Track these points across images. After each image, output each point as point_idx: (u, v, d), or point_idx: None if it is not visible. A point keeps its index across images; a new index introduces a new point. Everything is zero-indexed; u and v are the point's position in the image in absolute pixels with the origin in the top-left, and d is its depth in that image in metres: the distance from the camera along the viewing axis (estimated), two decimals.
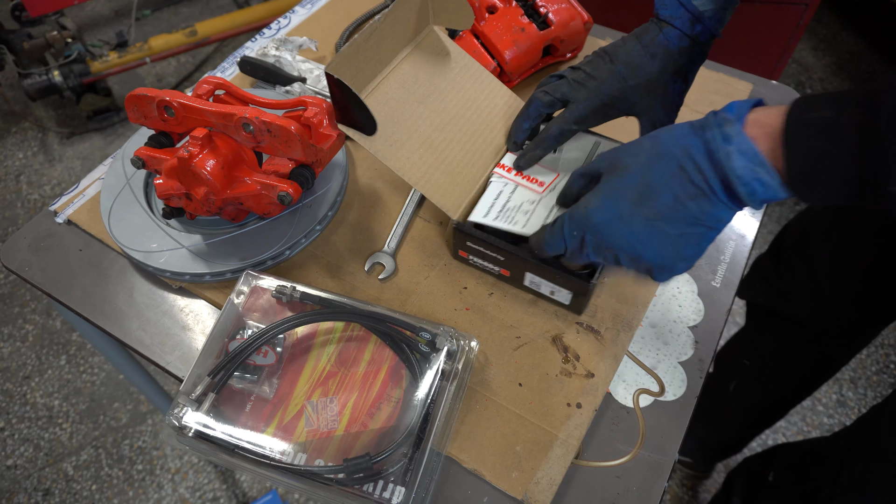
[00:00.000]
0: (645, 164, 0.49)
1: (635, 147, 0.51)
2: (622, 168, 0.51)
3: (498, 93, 0.75)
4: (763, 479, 1.17)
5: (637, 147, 0.51)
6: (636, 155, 0.50)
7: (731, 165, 0.45)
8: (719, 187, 0.46)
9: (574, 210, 0.54)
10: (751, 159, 0.44)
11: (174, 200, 0.70)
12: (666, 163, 0.48)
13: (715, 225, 0.49)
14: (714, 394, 1.21)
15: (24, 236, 0.81)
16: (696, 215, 0.48)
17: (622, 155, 0.52)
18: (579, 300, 0.67)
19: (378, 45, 0.65)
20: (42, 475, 1.52)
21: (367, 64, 0.64)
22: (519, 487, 0.59)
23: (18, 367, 1.69)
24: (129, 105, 0.69)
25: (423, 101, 0.69)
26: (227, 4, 2.69)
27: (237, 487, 1.48)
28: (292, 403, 0.62)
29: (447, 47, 0.72)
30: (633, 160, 0.50)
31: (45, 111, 2.32)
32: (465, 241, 0.69)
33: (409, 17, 0.68)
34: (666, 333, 0.70)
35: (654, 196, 0.48)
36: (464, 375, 0.63)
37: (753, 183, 0.45)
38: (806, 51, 2.41)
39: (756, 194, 0.45)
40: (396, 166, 0.65)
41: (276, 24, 1.06)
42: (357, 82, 0.63)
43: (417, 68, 0.70)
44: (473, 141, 0.71)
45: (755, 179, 0.44)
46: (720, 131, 0.45)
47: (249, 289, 0.67)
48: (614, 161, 0.52)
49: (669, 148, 0.48)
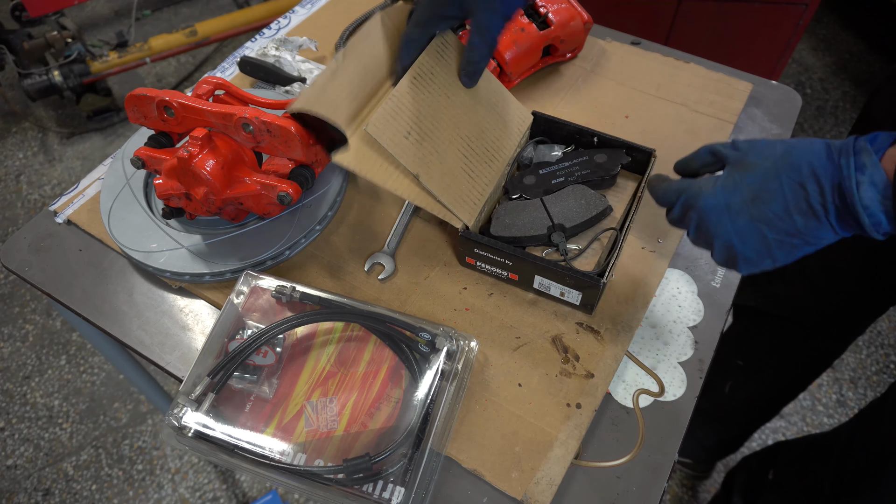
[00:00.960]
0: (770, 169, 0.50)
1: (768, 149, 0.52)
2: (748, 165, 0.52)
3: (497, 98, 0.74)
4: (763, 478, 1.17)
5: (769, 149, 0.52)
6: (766, 157, 0.51)
7: (859, 195, 0.45)
8: (834, 213, 0.47)
9: (690, 186, 0.55)
10: (881, 191, 0.45)
11: (174, 200, 0.70)
12: (790, 175, 0.49)
13: (815, 242, 0.50)
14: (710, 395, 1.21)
15: (24, 236, 0.81)
16: (800, 229, 0.49)
17: (753, 152, 0.53)
18: (590, 300, 0.67)
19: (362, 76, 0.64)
20: (42, 475, 1.52)
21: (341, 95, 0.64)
22: (519, 488, 0.59)
23: (18, 367, 1.69)
24: (129, 105, 0.69)
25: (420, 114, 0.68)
26: (227, 4, 2.69)
27: (237, 487, 1.48)
28: (292, 403, 0.62)
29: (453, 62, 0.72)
30: (761, 161, 0.51)
31: (45, 111, 2.32)
32: (472, 249, 0.69)
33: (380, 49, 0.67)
34: (666, 334, 0.70)
35: (767, 201, 0.50)
36: (463, 376, 0.63)
37: (880, 215, 0.45)
38: (806, 51, 2.41)
39: (881, 226, 0.46)
40: (394, 187, 0.64)
41: (276, 24, 1.06)
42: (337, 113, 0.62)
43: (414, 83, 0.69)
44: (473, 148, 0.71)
45: (882, 212, 0.45)
46: (855, 159, 0.46)
47: (249, 289, 0.67)
48: (744, 156, 0.53)
49: (799, 162, 0.49)
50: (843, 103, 2.24)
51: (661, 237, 0.76)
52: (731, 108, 0.90)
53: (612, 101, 0.91)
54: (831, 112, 2.21)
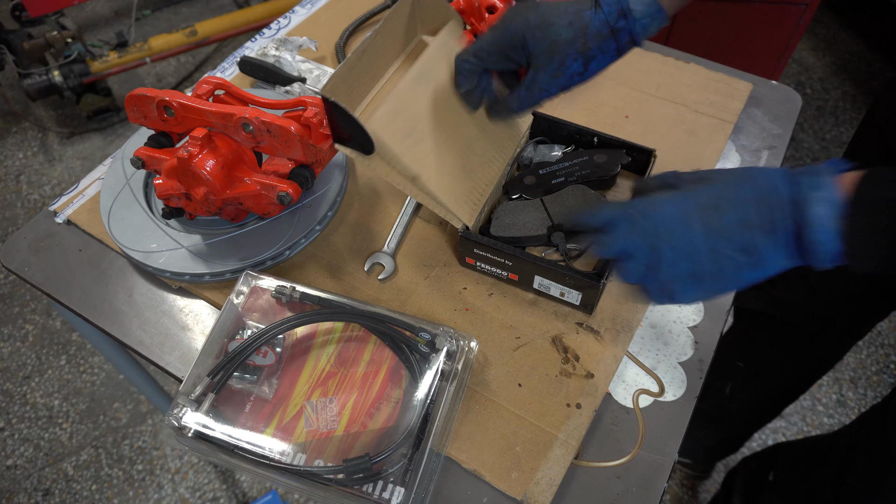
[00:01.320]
0: (729, 182, 0.50)
1: (725, 171, 0.53)
2: (706, 180, 0.52)
3: None
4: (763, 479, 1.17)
5: (727, 171, 0.53)
6: (723, 174, 0.52)
7: (810, 210, 0.45)
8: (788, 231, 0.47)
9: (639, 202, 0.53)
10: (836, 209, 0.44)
11: (174, 200, 0.70)
12: (749, 187, 0.49)
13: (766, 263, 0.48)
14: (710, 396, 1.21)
15: (24, 236, 0.81)
16: (755, 245, 0.48)
17: (710, 172, 0.54)
18: (590, 300, 0.67)
19: (371, 61, 0.64)
20: (42, 475, 1.52)
21: (360, 82, 0.64)
22: (518, 488, 0.59)
23: (18, 367, 1.69)
24: (129, 105, 0.69)
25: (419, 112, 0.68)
26: (227, 4, 2.69)
27: (237, 487, 1.48)
28: (292, 404, 0.62)
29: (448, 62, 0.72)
30: (719, 176, 0.52)
31: (45, 111, 2.32)
32: (472, 249, 0.69)
33: (398, 29, 0.67)
34: (666, 334, 0.70)
35: (724, 210, 0.49)
36: (463, 376, 0.63)
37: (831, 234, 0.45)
38: (806, 51, 2.41)
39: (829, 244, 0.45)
40: (397, 181, 0.64)
41: (276, 24, 1.06)
42: (351, 101, 0.63)
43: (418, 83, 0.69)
44: (473, 147, 0.71)
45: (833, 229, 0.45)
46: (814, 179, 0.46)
47: (249, 289, 0.67)
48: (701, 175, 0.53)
49: (757, 178, 0.49)
50: (843, 103, 2.24)
51: None
52: (731, 108, 0.90)
53: (612, 101, 0.91)
54: (831, 112, 2.21)
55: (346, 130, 0.61)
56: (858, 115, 2.20)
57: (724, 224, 0.49)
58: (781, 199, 0.47)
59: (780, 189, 0.47)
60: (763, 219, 0.47)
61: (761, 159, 0.86)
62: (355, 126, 0.60)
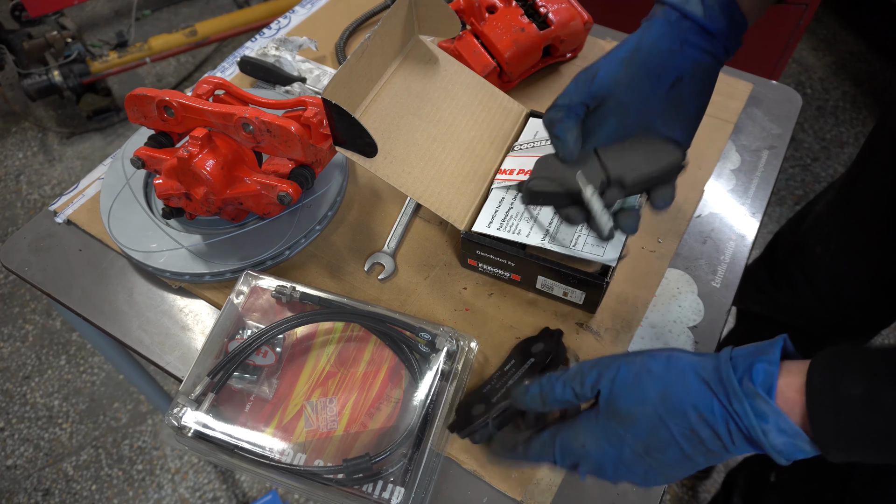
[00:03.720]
0: (652, 418, 0.46)
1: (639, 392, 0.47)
2: (625, 416, 0.47)
3: (491, 96, 0.74)
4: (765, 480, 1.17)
5: (641, 393, 0.47)
6: (640, 404, 0.46)
7: (770, 443, 0.42)
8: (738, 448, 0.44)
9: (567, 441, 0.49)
10: (792, 436, 0.42)
11: (174, 200, 0.70)
12: (678, 423, 0.45)
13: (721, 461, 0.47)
14: None
15: (24, 236, 0.81)
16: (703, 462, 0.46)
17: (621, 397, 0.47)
18: (592, 299, 0.67)
19: (370, 62, 0.64)
20: (42, 475, 1.52)
21: (359, 83, 0.64)
22: (518, 488, 0.59)
23: (18, 367, 1.69)
24: (129, 105, 0.69)
25: (418, 112, 0.68)
26: (227, 4, 2.69)
27: (237, 487, 1.48)
28: (292, 403, 0.62)
29: (435, 55, 0.72)
30: (639, 410, 0.46)
31: (45, 111, 2.32)
32: (474, 250, 0.69)
33: (395, 29, 0.67)
34: (666, 333, 0.70)
35: (662, 450, 0.46)
36: (463, 376, 0.63)
37: (796, 453, 0.42)
38: (806, 51, 2.41)
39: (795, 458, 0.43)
40: (398, 183, 0.64)
41: (276, 24, 1.06)
42: (351, 103, 0.63)
43: (408, 80, 0.69)
44: (472, 148, 0.71)
45: (797, 451, 0.42)
46: (751, 405, 0.42)
47: (249, 289, 0.67)
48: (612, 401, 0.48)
49: (681, 407, 0.45)
50: (843, 103, 2.24)
51: (660, 237, 0.76)
52: (731, 108, 0.90)
53: None
54: (831, 112, 2.21)
55: (346, 132, 0.61)
56: (859, 115, 2.20)
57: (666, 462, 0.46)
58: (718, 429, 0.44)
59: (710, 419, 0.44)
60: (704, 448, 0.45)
61: (761, 159, 0.86)
62: (356, 128, 0.60)
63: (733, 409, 0.43)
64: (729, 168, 0.85)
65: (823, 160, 2.08)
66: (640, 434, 0.46)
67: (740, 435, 0.43)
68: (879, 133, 0.87)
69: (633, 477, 0.48)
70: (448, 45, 0.86)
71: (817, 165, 2.07)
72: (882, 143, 0.85)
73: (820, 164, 2.08)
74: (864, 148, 0.90)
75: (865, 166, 0.88)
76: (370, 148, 0.61)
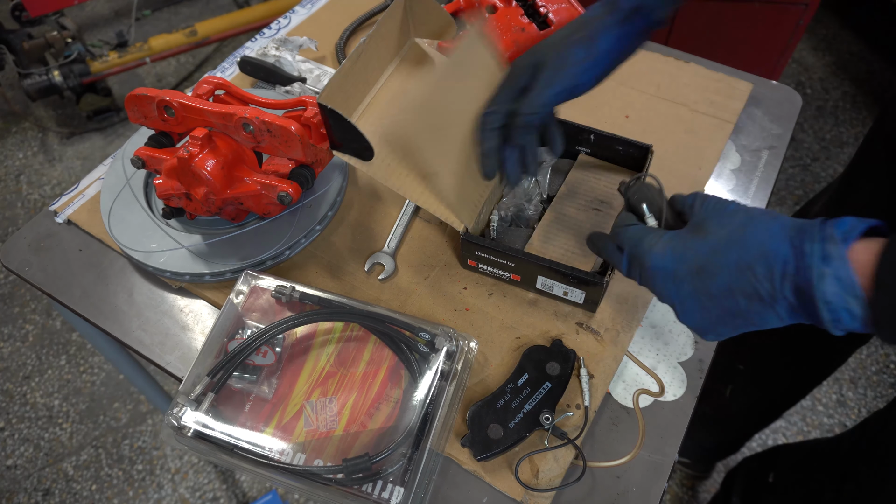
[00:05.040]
0: (722, 242, 0.47)
1: (728, 217, 0.49)
2: (704, 231, 0.49)
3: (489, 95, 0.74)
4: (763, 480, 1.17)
5: (729, 218, 0.48)
6: (722, 226, 0.48)
7: (822, 289, 0.41)
8: (784, 302, 0.44)
9: (640, 241, 0.52)
10: (846, 288, 0.41)
11: (174, 200, 0.70)
12: (739, 253, 0.45)
13: (759, 324, 0.47)
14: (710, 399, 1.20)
15: (24, 236, 0.81)
16: (743, 310, 0.46)
17: (713, 217, 0.50)
18: (592, 299, 0.67)
19: (366, 66, 0.64)
20: (42, 475, 1.52)
21: (355, 87, 0.64)
22: (518, 488, 0.59)
23: (18, 367, 1.69)
24: (129, 105, 0.69)
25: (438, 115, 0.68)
26: (227, 4, 2.69)
27: (237, 487, 1.48)
28: (291, 403, 0.62)
29: (431, 57, 0.72)
30: (717, 230, 0.48)
31: (45, 111, 2.32)
32: (473, 251, 0.69)
33: (392, 32, 0.67)
34: (666, 333, 0.70)
35: (712, 275, 0.47)
36: (463, 376, 0.63)
37: (841, 312, 0.41)
38: (806, 51, 2.41)
39: (841, 322, 0.42)
40: (397, 185, 0.64)
41: (276, 24, 1.06)
42: (347, 107, 0.62)
43: (404, 82, 0.69)
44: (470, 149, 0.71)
45: (844, 309, 0.41)
46: (821, 247, 0.42)
47: (249, 289, 0.67)
48: (706, 217, 0.50)
49: (752, 241, 0.45)
50: (843, 103, 2.24)
51: None
52: (731, 108, 0.90)
53: (612, 101, 0.91)
54: (831, 112, 2.21)
55: (343, 137, 0.61)
56: (859, 115, 2.20)
57: (712, 289, 0.47)
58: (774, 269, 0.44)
59: (772, 258, 0.44)
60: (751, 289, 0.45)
61: (761, 159, 0.86)
62: (353, 132, 0.60)
63: (801, 248, 0.42)
64: (729, 168, 0.85)
65: (823, 160, 2.08)
66: (702, 251, 0.48)
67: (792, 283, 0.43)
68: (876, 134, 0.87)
69: (675, 296, 0.50)
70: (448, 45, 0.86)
71: (817, 165, 2.07)
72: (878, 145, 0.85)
73: (820, 164, 2.08)
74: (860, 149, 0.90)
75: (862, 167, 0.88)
76: (367, 152, 0.61)
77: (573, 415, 0.63)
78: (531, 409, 0.61)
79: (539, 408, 0.61)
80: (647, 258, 0.51)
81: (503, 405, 0.61)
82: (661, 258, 0.50)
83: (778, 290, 0.44)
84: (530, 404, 0.61)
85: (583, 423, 0.62)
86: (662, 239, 0.51)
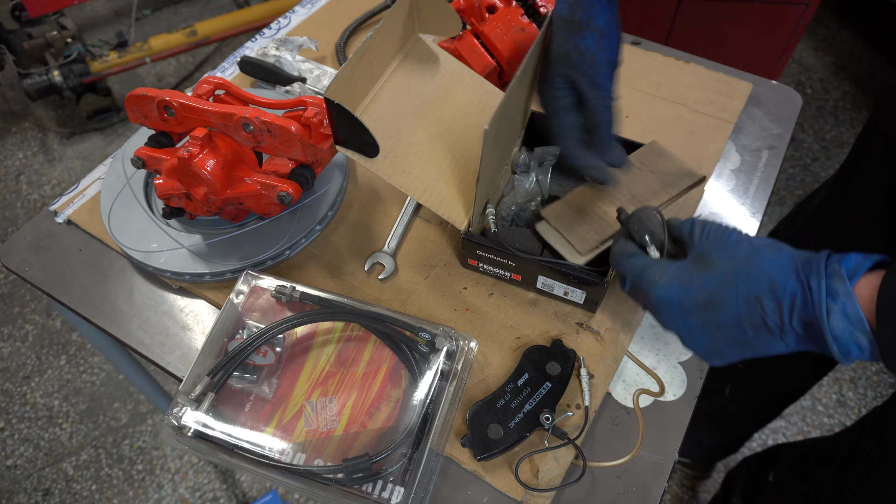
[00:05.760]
0: (729, 275, 0.47)
1: (732, 249, 0.49)
2: (709, 264, 0.49)
3: (491, 96, 0.74)
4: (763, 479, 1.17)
5: (734, 250, 0.49)
6: (727, 259, 0.48)
7: (830, 324, 0.42)
8: (793, 333, 0.45)
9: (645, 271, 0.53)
10: (853, 323, 0.42)
11: (174, 200, 0.70)
12: (748, 287, 0.46)
13: (766, 350, 0.48)
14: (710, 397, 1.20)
15: (24, 236, 0.81)
16: (751, 340, 0.47)
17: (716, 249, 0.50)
18: (593, 298, 0.67)
19: (371, 61, 0.64)
20: (42, 475, 1.52)
21: (360, 82, 0.64)
22: (518, 488, 0.59)
23: (18, 367, 1.69)
24: (129, 105, 0.69)
25: (418, 112, 0.68)
26: (227, 4, 2.69)
27: (237, 487, 1.48)
28: (291, 403, 0.62)
29: (435, 54, 0.72)
30: (723, 263, 0.48)
31: (45, 111, 2.32)
32: (474, 250, 0.69)
33: (396, 28, 0.67)
34: (666, 333, 0.70)
35: (720, 308, 0.47)
36: (463, 375, 0.63)
37: (851, 345, 0.43)
38: (806, 51, 2.41)
39: (851, 355, 0.43)
40: (399, 182, 0.64)
41: (276, 24, 1.06)
42: (352, 102, 0.63)
43: (409, 79, 0.69)
44: (473, 148, 0.71)
45: (853, 343, 0.43)
46: (827, 284, 0.43)
47: (249, 289, 0.67)
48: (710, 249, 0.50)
49: (759, 275, 0.46)
50: (843, 103, 2.24)
51: None
52: (731, 108, 0.90)
53: None
54: (831, 112, 2.22)
55: (347, 132, 0.61)
56: (859, 115, 2.20)
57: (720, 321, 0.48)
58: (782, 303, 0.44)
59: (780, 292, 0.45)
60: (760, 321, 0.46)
61: (761, 159, 0.86)
62: (358, 127, 0.60)
63: (808, 284, 0.43)
64: (729, 168, 0.85)
65: (823, 160, 2.08)
66: (709, 284, 0.48)
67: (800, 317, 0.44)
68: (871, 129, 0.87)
69: (682, 327, 0.50)
70: (448, 44, 0.86)
71: (817, 165, 2.07)
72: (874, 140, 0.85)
73: (820, 163, 2.08)
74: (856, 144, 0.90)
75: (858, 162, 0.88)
76: (371, 147, 0.61)
77: (573, 415, 0.63)
78: (531, 409, 0.61)
79: (539, 408, 0.61)
80: (651, 291, 0.51)
81: (503, 405, 0.61)
82: (667, 290, 0.50)
83: (786, 323, 0.45)
84: (530, 404, 0.61)
85: (583, 423, 0.62)
86: (668, 271, 0.51)
